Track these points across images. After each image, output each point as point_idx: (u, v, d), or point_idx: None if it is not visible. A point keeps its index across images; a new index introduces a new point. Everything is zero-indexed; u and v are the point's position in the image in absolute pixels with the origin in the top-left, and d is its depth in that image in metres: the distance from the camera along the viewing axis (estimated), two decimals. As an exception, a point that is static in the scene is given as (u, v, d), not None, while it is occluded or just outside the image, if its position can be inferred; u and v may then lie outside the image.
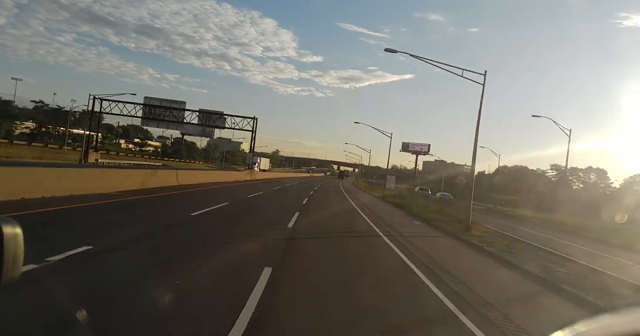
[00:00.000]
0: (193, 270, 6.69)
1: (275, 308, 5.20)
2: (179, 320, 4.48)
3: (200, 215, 13.04)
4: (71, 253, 6.55)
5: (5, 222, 1.32)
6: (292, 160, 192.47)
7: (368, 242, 12.47)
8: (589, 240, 21.76)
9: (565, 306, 7.44)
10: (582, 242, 20.34)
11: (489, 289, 7.77)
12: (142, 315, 4.54)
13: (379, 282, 7.55)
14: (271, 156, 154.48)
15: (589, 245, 19.64)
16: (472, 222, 17.16)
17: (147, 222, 11.12)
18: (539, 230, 25.28)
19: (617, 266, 13.33)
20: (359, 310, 5.62)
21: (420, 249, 11.51)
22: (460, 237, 15.15)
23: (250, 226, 12.65)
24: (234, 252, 8.50)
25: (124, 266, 6.53)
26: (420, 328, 5.39)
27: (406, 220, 21.35)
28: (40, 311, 4.33)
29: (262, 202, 21.51)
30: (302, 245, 10.45)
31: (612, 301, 7.50)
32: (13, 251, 1.31)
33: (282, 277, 6.70)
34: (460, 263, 10.86)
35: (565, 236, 23.32)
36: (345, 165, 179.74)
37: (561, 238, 21.89)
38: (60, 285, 5.21)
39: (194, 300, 5.20)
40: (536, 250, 13.98)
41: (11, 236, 1.31)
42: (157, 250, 7.98)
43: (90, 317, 4.03)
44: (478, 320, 5.63)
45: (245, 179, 44.61)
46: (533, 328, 5.51)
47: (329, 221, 16.84)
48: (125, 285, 5.53)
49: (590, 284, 8.83)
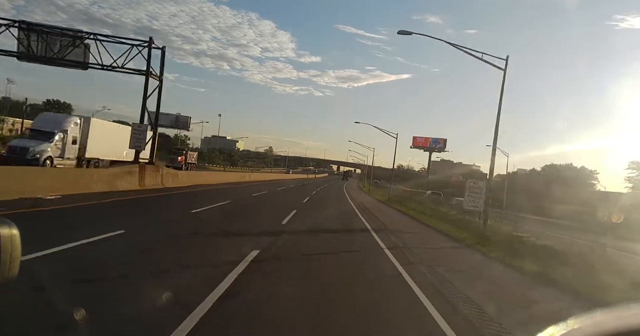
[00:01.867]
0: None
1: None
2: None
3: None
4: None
5: (2, 224, 1.31)
6: (289, 160, 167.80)
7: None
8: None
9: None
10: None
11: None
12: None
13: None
14: (264, 155, 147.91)
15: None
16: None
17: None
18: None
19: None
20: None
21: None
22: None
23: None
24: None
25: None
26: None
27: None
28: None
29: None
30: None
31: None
32: (10, 252, 1.30)
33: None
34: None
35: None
36: (345, 165, 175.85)
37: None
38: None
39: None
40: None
41: (8, 237, 1.31)
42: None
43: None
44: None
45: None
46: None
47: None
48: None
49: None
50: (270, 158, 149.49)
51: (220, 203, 17.64)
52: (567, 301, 7.73)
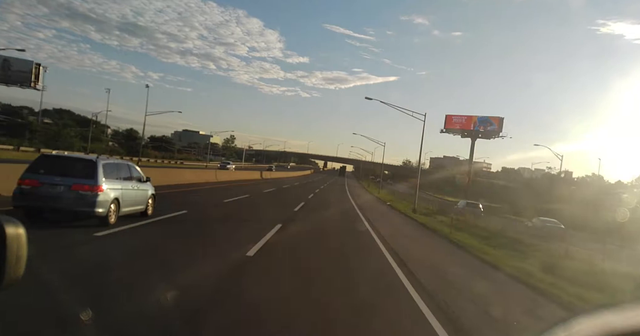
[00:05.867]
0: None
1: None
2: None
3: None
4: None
5: (9, 223, 1.30)
6: (265, 154, 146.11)
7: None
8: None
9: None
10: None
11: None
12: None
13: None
14: (224, 147, 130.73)
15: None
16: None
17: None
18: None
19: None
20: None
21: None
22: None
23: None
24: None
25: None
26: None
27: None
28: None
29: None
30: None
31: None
32: (16, 251, 1.29)
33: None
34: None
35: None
36: (333, 161, 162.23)
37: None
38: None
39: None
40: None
41: (14, 236, 1.29)
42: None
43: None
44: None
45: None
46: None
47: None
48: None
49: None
50: (230, 150, 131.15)
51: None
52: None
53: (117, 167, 10.33)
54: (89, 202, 8.90)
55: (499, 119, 62.97)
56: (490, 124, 62.61)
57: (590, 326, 0.79)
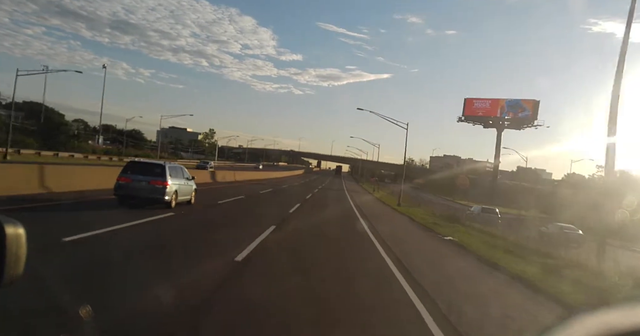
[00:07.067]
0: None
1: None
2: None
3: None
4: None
5: (8, 222, 1.31)
6: (248, 152, 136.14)
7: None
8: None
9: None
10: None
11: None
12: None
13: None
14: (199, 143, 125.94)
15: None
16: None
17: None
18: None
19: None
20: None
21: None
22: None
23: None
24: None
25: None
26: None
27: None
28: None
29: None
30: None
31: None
32: (15, 251, 1.30)
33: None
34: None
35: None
36: (328, 160, 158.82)
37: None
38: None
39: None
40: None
41: (14, 236, 1.31)
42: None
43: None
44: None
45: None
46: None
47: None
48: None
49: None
50: (210, 147, 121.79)
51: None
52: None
53: (176, 169, 15.10)
54: (161, 192, 13.64)
55: (532, 103, 47.63)
56: (522, 109, 48.45)
57: (590, 326, 0.79)
